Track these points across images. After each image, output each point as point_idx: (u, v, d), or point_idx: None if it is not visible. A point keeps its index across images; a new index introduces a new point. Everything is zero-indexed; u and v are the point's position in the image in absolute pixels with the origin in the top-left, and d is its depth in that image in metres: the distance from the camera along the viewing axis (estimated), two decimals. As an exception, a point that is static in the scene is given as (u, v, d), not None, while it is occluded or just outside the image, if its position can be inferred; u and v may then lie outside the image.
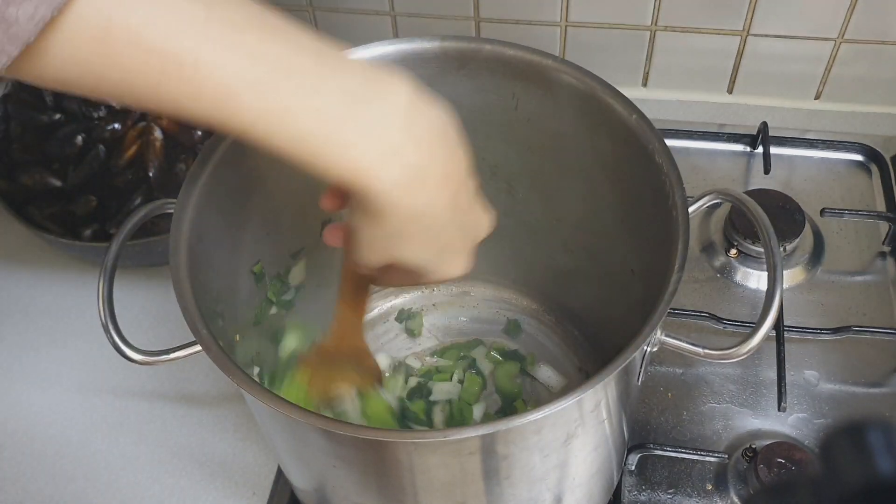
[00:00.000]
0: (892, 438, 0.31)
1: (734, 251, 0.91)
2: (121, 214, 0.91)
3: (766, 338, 0.57)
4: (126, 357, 0.60)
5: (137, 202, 0.91)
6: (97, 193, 0.92)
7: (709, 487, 0.77)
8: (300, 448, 0.62)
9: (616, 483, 0.76)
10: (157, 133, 0.93)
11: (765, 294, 0.58)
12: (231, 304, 0.69)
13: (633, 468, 0.78)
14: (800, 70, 1.02)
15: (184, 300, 0.58)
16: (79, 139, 0.94)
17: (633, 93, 1.05)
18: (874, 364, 0.84)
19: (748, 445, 0.77)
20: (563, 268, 0.83)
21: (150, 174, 0.92)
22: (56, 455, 0.82)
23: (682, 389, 0.83)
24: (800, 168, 1.00)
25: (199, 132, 0.94)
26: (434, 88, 0.51)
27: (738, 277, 0.91)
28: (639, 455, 0.77)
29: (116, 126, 0.94)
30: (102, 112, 0.95)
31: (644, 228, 0.67)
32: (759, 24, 0.97)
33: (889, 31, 0.96)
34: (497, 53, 0.68)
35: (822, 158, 1.01)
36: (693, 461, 0.78)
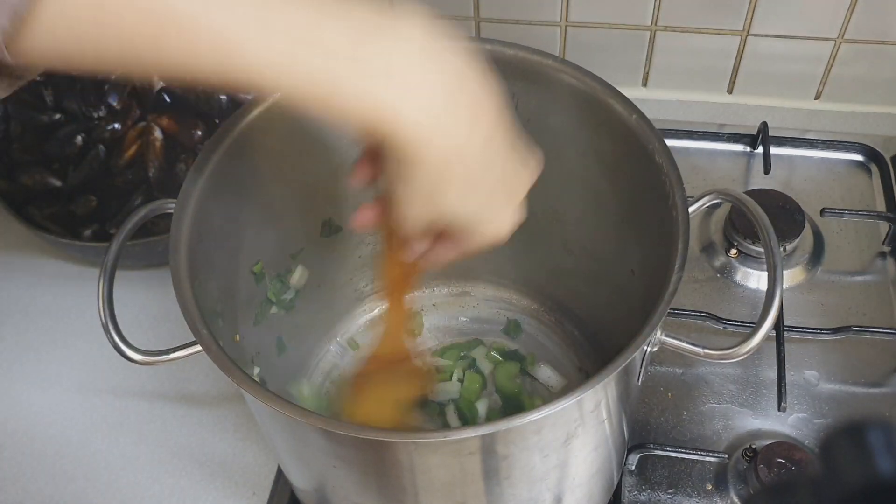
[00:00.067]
0: (892, 438, 0.31)
1: (734, 251, 0.91)
2: (121, 214, 0.91)
3: (766, 338, 0.57)
4: (126, 357, 0.60)
5: (137, 202, 0.91)
6: (97, 193, 0.92)
7: (709, 487, 0.77)
8: (300, 448, 0.62)
9: (616, 483, 0.76)
10: (157, 133, 0.93)
11: (765, 294, 0.58)
12: (231, 304, 0.69)
13: (634, 468, 0.78)
14: (800, 70, 1.02)
15: (184, 300, 0.58)
16: (79, 139, 0.94)
17: (633, 93, 1.05)
18: (874, 364, 0.84)
19: (748, 445, 0.77)
20: (563, 268, 0.83)
21: (150, 174, 0.92)
22: (56, 455, 0.82)
23: (682, 389, 0.83)
24: (800, 168, 1.00)
25: (199, 132, 0.94)
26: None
27: (738, 277, 0.91)
28: (639, 455, 0.77)
29: (116, 126, 0.94)
30: (102, 112, 0.95)
31: (644, 228, 0.67)
32: (759, 24, 0.97)
33: (889, 31, 0.96)
34: (497, 53, 0.68)
35: (822, 158, 1.01)
36: (693, 461, 0.78)
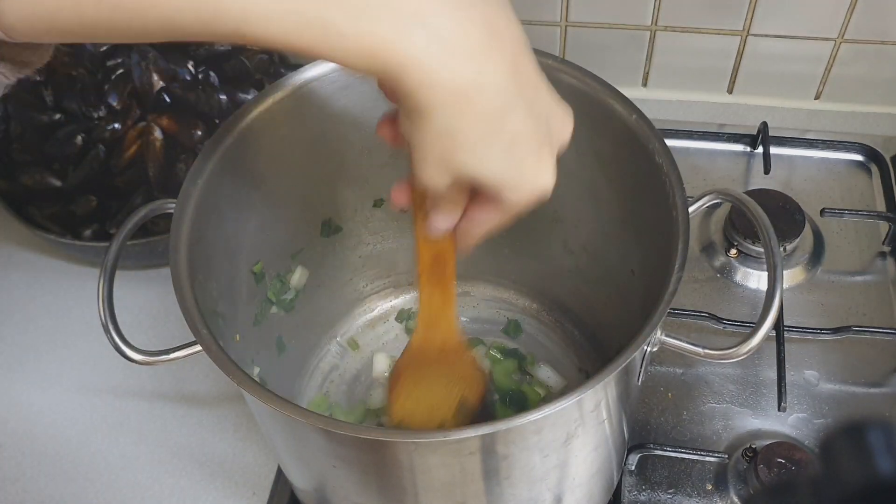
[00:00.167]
0: (892, 438, 0.31)
1: (734, 251, 0.91)
2: (121, 214, 0.91)
3: (766, 338, 0.57)
4: (126, 357, 0.60)
5: (137, 202, 0.91)
6: (97, 193, 0.92)
7: (709, 487, 0.77)
8: (300, 448, 0.62)
9: (616, 483, 0.76)
10: (157, 133, 0.93)
11: (765, 294, 0.58)
12: (231, 304, 0.69)
13: (634, 468, 0.78)
14: (800, 70, 1.02)
15: (184, 300, 0.58)
16: (79, 139, 0.94)
17: (633, 93, 1.05)
18: (874, 364, 0.84)
19: (748, 445, 0.77)
20: (563, 268, 0.83)
21: (150, 174, 0.92)
22: (56, 455, 0.82)
23: (682, 389, 0.83)
24: (800, 168, 1.00)
25: (199, 132, 0.94)
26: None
27: (738, 277, 0.91)
28: (639, 455, 0.77)
29: (116, 126, 0.94)
30: (102, 112, 0.95)
31: (644, 228, 0.67)
32: (759, 24, 0.97)
33: (889, 31, 0.96)
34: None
35: (822, 158, 1.01)
36: (693, 461, 0.78)
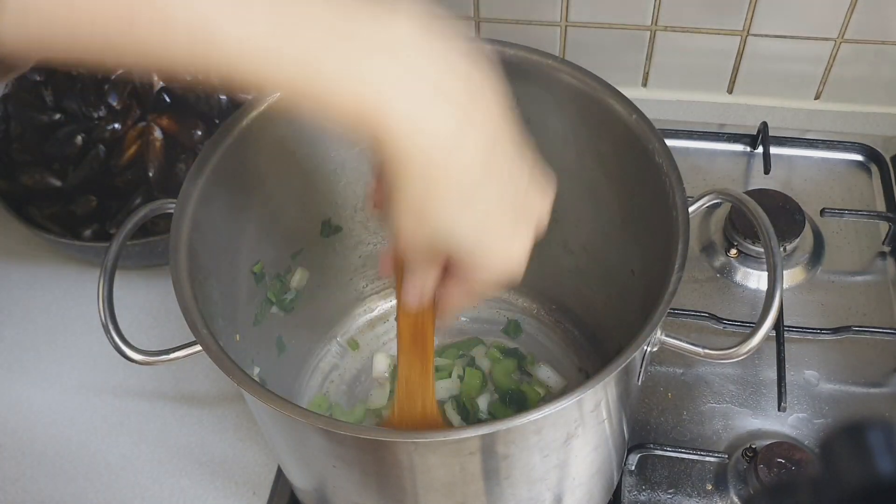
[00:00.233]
0: (892, 438, 0.31)
1: (734, 251, 0.91)
2: (121, 214, 0.91)
3: (766, 338, 0.57)
4: (126, 357, 0.60)
5: (137, 202, 0.91)
6: (97, 193, 0.92)
7: (709, 487, 0.77)
8: (300, 448, 0.62)
9: (616, 483, 0.76)
10: (157, 133, 0.93)
11: (765, 294, 0.58)
12: (231, 304, 0.69)
13: (633, 468, 0.78)
14: (800, 70, 1.02)
15: (184, 300, 0.58)
16: (79, 139, 0.94)
17: (633, 93, 1.05)
18: (874, 364, 0.84)
19: (748, 445, 0.77)
20: (563, 268, 0.83)
21: (150, 174, 0.92)
22: (56, 455, 0.82)
23: (682, 389, 0.83)
24: (800, 168, 1.00)
25: (199, 132, 0.94)
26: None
27: (738, 277, 0.91)
28: (639, 455, 0.77)
29: (116, 126, 0.94)
30: (102, 112, 0.95)
31: (644, 228, 0.67)
32: (759, 24, 0.97)
33: (889, 31, 0.96)
34: (497, 53, 0.68)
35: (822, 158, 1.01)
36: (693, 461, 0.78)
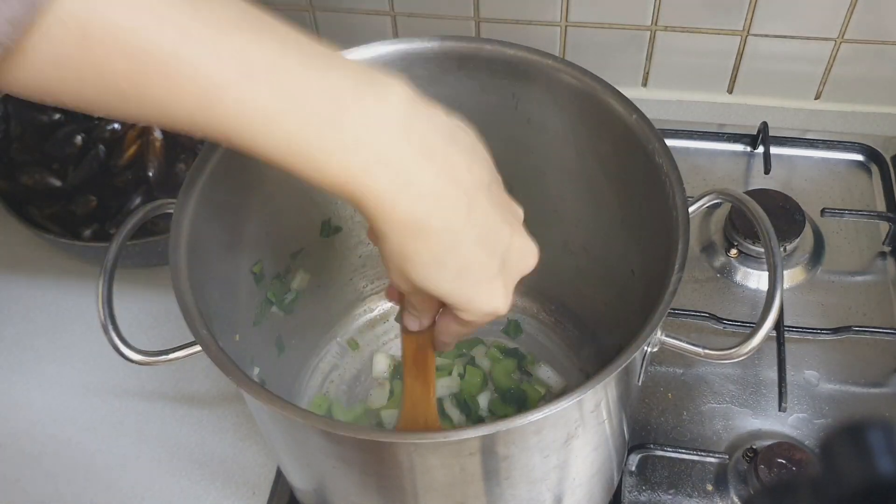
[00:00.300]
0: (893, 438, 0.31)
1: (734, 251, 0.91)
2: (121, 214, 0.91)
3: (767, 338, 0.57)
4: (125, 357, 0.60)
5: (137, 202, 0.91)
6: (97, 193, 0.92)
7: (709, 488, 0.77)
8: (300, 449, 0.62)
9: (616, 483, 0.76)
10: (157, 133, 0.93)
11: (765, 294, 0.58)
12: (231, 304, 0.69)
13: (634, 469, 0.78)
14: (800, 70, 1.02)
15: (183, 300, 0.58)
16: (78, 139, 0.94)
17: (633, 93, 1.05)
18: (874, 364, 0.84)
19: (748, 446, 0.77)
20: (563, 268, 0.83)
21: (150, 174, 0.92)
22: (56, 455, 0.82)
23: (683, 390, 0.83)
24: (800, 168, 1.00)
25: (199, 132, 0.94)
26: (434, 88, 0.51)
27: (739, 277, 0.91)
28: (639, 455, 0.77)
29: (116, 126, 0.94)
30: (102, 112, 0.95)
31: (644, 228, 0.67)
32: (760, 24, 0.97)
33: (889, 31, 0.96)
34: (497, 53, 0.68)
35: (823, 158, 1.01)
36: (693, 462, 0.78)
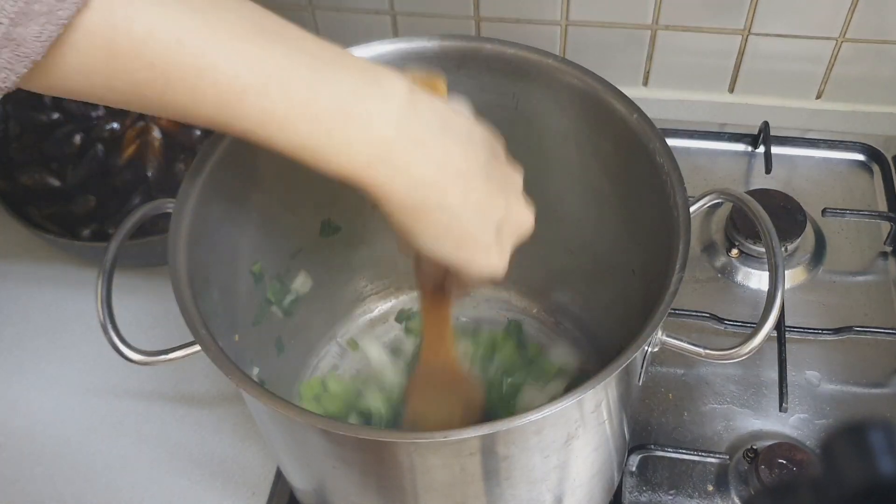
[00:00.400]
0: (894, 439, 0.31)
1: (735, 251, 0.91)
2: (120, 214, 0.91)
3: (768, 338, 0.57)
4: (125, 357, 0.60)
5: (136, 202, 0.91)
6: (96, 193, 0.92)
7: (710, 488, 0.77)
8: (299, 449, 0.62)
9: (617, 484, 0.76)
10: (156, 133, 0.93)
11: (766, 294, 0.58)
12: (231, 304, 0.69)
13: (634, 469, 0.78)
14: (801, 69, 1.02)
15: (183, 300, 0.58)
16: (77, 139, 0.94)
17: (634, 92, 1.04)
18: (876, 364, 0.84)
19: (749, 446, 0.77)
20: (564, 268, 0.82)
21: (149, 174, 0.92)
22: (55, 455, 0.82)
23: (683, 390, 0.83)
24: (801, 168, 1.00)
25: (199, 132, 0.94)
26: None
27: (740, 277, 0.90)
28: (640, 456, 0.77)
29: (115, 125, 0.94)
30: (101, 111, 0.95)
31: (645, 228, 0.67)
32: (761, 24, 0.97)
33: (890, 31, 0.96)
34: (497, 53, 0.68)
35: (824, 158, 1.01)
36: (694, 462, 0.78)
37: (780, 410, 0.78)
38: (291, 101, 0.45)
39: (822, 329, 0.84)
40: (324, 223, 0.79)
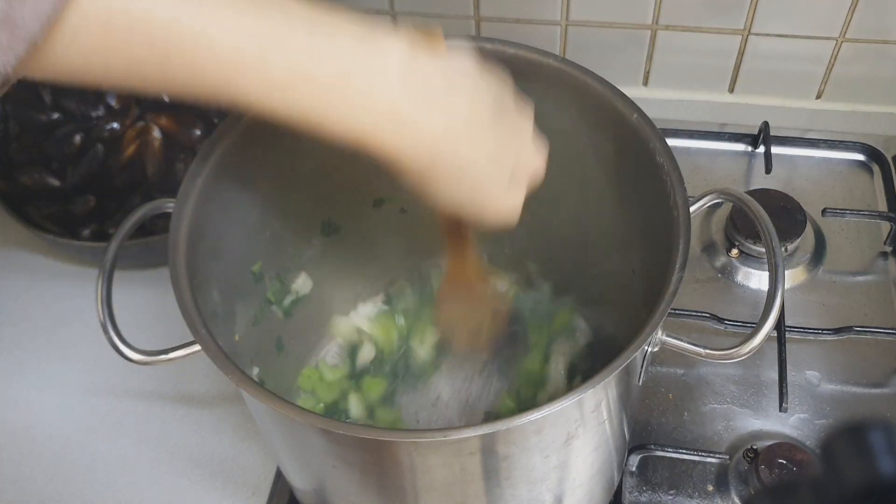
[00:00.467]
0: (894, 439, 0.31)
1: (735, 251, 0.91)
2: (119, 214, 0.91)
3: (768, 338, 0.57)
4: (125, 357, 0.60)
5: (136, 202, 0.91)
6: (96, 193, 0.92)
7: (710, 488, 0.77)
8: (299, 448, 0.62)
9: (617, 484, 0.76)
10: (156, 132, 0.93)
11: (766, 294, 0.58)
12: (230, 304, 0.69)
13: (634, 469, 0.78)
14: (801, 69, 1.02)
15: (183, 300, 0.58)
16: (77, 139, 0.94)
17: (634, 92, 1.04)
18: (875, 364, 0.84)
19: (749, 446, 0.77)
20: (564, 267, 0.82)
21: (149, 174, 0.92)
22: (55, 455, 0.82)
23: (683, 390, 0.83)
24: (801, 168, 1.00)
25: (198, 132, 0.94)
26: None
27: (740, 277, 0.90)
28: (640, 456, 0.77)
29: (115, 125, 0.94)
30: (101, 111, 0.95)
31: (645, 228, 0.67)
32: (761, 24, 0.97)
33: (890, 31, 0.96)
34: (497, 52, 0.68)
35: (824, 158, 1.01)
36: (694, 462, 0.78)
37: (780, 410, 0.78)
38: (291, 68, 0.44)
39: (822, 329, 0.84)
40: (324, 223, 0.79)
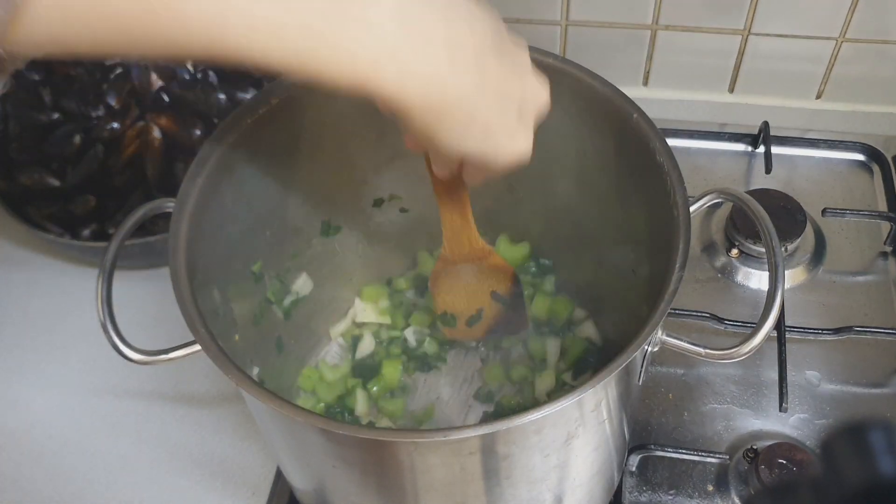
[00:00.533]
0: (894, 439, 0.31)
1: (735, 251, 0.91)
2: (119, 214, 0.91)
3: (768, 338, 0.57)
4: (125, 357, 0.60)
5: (136, 202, 0.90)
6: (96, 193, 0.92)
7: (710, 488, 0.77)
8: (299, 448, 0.62)
9: (617, 484, 0.76)
10: (156, 132, 0.93)
11: (766, 294, 0.58)
12: (230, 304, 0.69)
13: (634, 469, 0.78)
14: (801, 69, 1.02)
15: (183, 300, 0.58)
16: (77, 138, 0.94)
17: (634, 92, 1.04)
18: (875, 364, 0.84)
19: (749, 446, 0.77)
20: (564, 267, 0.82)
21: (149, 174, 0.92)
22: (55, 455, 0.82)
23: (683, 390, 0.83)
24: (801, 168, 1.00)
25: (198, 132, 0.93)
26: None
27: (740, 277, 0.90)
28: (640, 456, 0.77)
29: (115, 125, 0.94)
30: (101, 111, 0.95)
31: (645, 228, 0.67)
32: (761, 24, 0.97)
33: (890, 31, 0.96)
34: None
35: (824, 158, 1.01)
36: (694, 462, 0.78)
37: (780, 410, 0.78)
38: (280, 10, 0.43)
39: (822, 329, 0.84)
40: (324, 223, 0.79)
